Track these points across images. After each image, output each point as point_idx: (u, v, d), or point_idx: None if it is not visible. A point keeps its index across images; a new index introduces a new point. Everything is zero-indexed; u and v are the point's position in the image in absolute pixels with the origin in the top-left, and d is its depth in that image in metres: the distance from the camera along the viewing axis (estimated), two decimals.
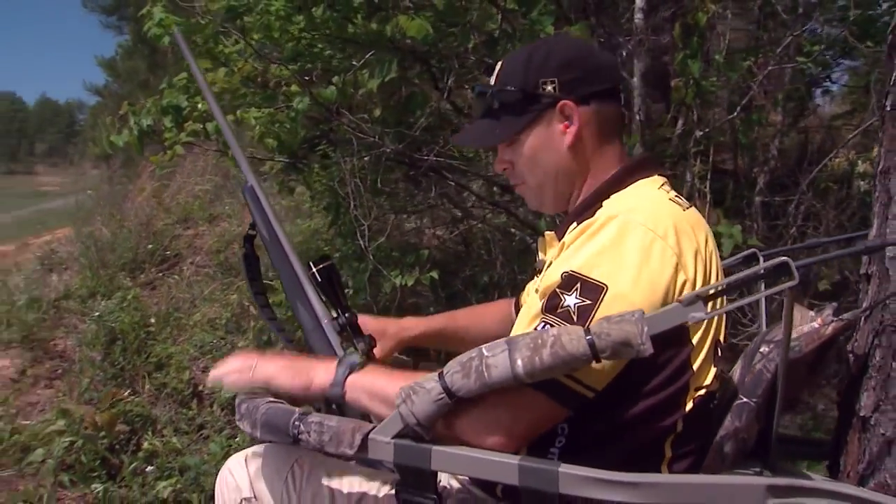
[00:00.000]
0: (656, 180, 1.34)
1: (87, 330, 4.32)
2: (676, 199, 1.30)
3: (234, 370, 1.38)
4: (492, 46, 3.42)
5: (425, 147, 3.48)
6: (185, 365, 4.09)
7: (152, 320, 4.41)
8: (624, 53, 3.89)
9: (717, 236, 3.35)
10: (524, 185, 1.43)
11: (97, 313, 4.37)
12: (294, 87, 3.39)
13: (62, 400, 3.57)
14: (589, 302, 1.12)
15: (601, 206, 1.27)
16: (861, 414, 1.22)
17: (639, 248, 1.15)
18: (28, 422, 3.50)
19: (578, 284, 1.14)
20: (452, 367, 1.12)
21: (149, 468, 3.17)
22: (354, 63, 3.63)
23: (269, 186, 7.30)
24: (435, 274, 3.57)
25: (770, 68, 4.12)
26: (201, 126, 3.21)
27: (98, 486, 2.99)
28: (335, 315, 1.53)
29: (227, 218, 6.68)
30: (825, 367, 1.26)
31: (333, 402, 1.34)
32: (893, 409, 1.16)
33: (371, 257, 3.42)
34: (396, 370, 1.30)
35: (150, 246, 5.71)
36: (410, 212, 4.49)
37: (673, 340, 1.17)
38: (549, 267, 1.29)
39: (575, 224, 1.28)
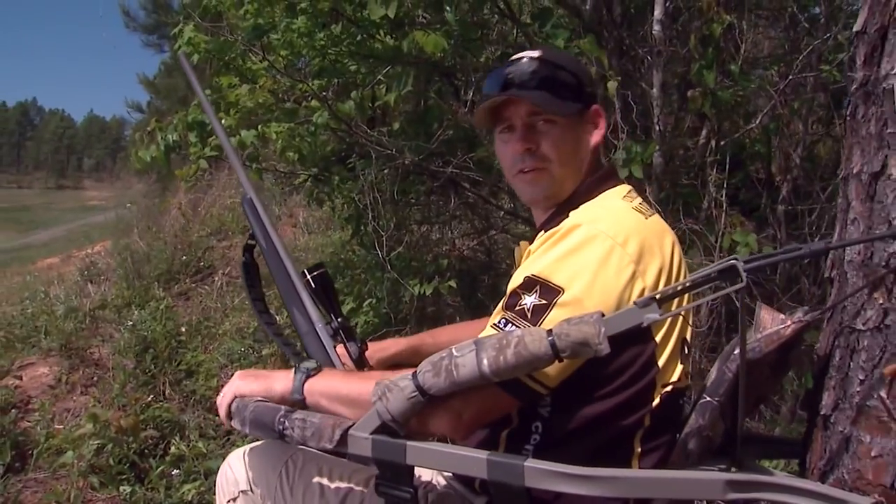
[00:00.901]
0: (622, 189, 1.40)
1: (120, 339, 4.47)
2: (640, 207, 1.36)
3: (220, 399, 1.46)
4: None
5: (440, 159, 3.56)
6: (213, 373, 4.21)
7: (183, 329, 4.54)
8: (646, 62, 3.93)
9: (733, 245, 3.37)
10: (544, 171, 1.40)
11: (131, 323, 4.51)
12: (314, 102, 3.50)
13: (96, 406, 3.70)
14: (544, 302, 1.19)
15: (568, 215, 1.33)
16: (822, 413, 1.26)
17: (597, 256, 1.21)
18: (61, 426, 3.63)
19: (538, 287, 1.21)
20: (425, 366, 1.19)
21: (175, 472, 3.27)
22: (381, 78, 3.74)
23: (301, 199, 7.48)
24: (453, 283, 3.64)
25: (791, 78, 4.12)
26: None
27: (126, 489, 3.10)
28: (328, 320, 1.60)
29: None
30: (788, 367, 1.31)
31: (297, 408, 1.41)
32: (851, 407, 1.20)
33: (389, 267, 3.51)
34: (352, 372, 1.38)
35: (184, 257, 5.87)
36: (434, 222, 4.57)
37: (636, 338, 1.23)
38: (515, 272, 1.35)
39: (543, 233, 1.34)
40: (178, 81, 11.43)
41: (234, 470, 1.55)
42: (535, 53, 1.42)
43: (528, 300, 1.21)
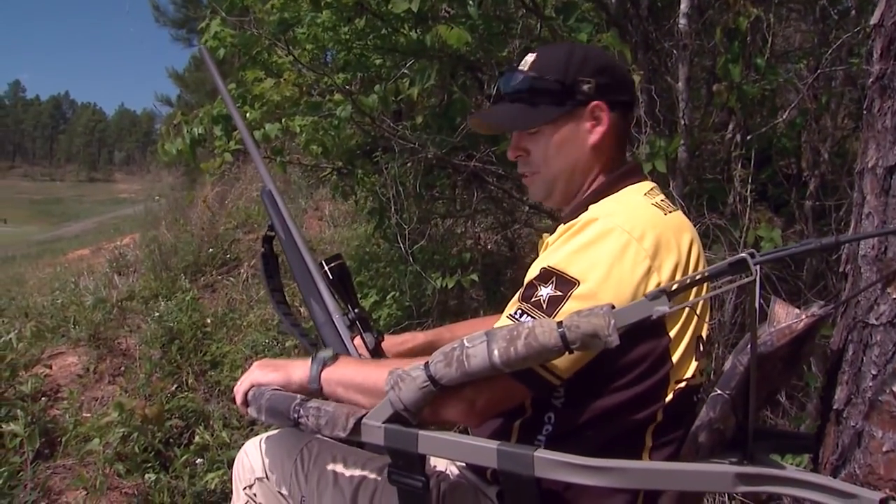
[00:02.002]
0: (643, 186, 1.40)
1: (147, 329, 4.53)
2: (660, 203, 1.35)
3: (238, 386, 1.50)
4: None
5: (463, 153, 3.57)
6: (238, 364, 4.26)
7: (209, 321, 4.59)
8: (674, 56, 3.91)
9: (758, 240, 3.35)
10: (536, 175, 1.46)
11: (157, 314, 4.58)
12: (338, 96, 3.52)
13: (122, 395, 3.76)
14: (560, 294, 1.20)
15: (587, 209, 1.34)
16: (835, 407, 1.26)
17: (613, 250, 1.22)
18: (89, 414, 3.70)
19: (554, 278, 1.22)
20: (437, 356, 1.21)
21: (199, 460, 3.32)
22: (405, 71, 3.75)
23: (327, 192, 7.53)
24: (475, 276, 3.65)
25: (819, 71, 4.07)
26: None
27: (151, 476, 3.15)
28: (346, 311, 1.62)
29: None
30: (801, 361, 1.30)
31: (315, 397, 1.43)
32: (863, 402, 1.19)
33: (412, 260, 3.52)
34: (367, 361, 1.39)
35: (210, 250, 5.94)
36: (458, 216, 4.59)
37: (650, 333, 1.23)
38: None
39: (562, 226, 1.34)
40: (206, 75, 11.53)
41: (251, 457, 1.58)
42: (530, 59, 1.44)
43: (545, 291, 1.22)
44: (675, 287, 1.14)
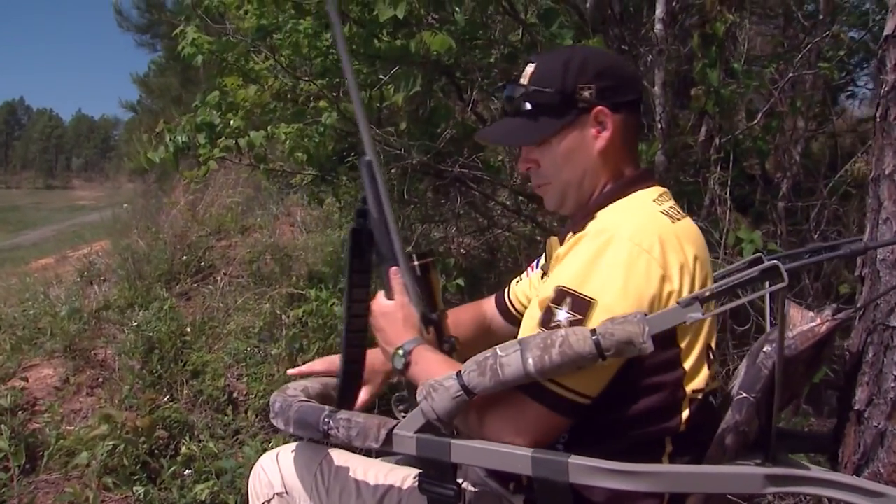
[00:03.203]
0: (652, 191, 1.42)
1: (125, 339, 4.47)
2: (668, 211, 1.37)
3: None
4: (513, 59, 3.52)
5: (450, 158, 3.58)
6: (220, 373, 4.21)
7: (188, 329, 4.54)
8: (648, 61, 3.96)
9: (738, 242, 3.41)
10: (548, 186, 1.47)
11: (135, 323, 4.51)
12: (322, 103, 3.52)
13: (104, 406, 3.71)
14: (579, 317, 1.21)
15: (594, 217, 1.35)
16: (856, 408, 1.29)
17: (625, 263, 1.23)
18: (72, 427, 3.64)
19: (569, 299, 1.23)
20: (469, 366, 1.22)
21: (187, 471, 3.29)
22: (381, 77, 3.75)
23: (298, 198, 7.49)
24: (461, 281, 3.66)
25: (791, 75, 4.16)
26: (234, 142, 3.34)
27: (139, 489, 3.12)
28: (425, 311, 1.53)
29: (258, 229, 6.85)
30: (821, 364, 1.34)
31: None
32: (885, 402, 1.23)
33: None
34: (446, 359, 1.38)
35: (184, 257, 5.87)
36: (437, 221, 4.59)
37: (660, 344, 1.25)
38: (546, 277, 1.37)
39: (571, 234, 1.36)
40: (171, 81, 11.43)
41: (268, 472, 1.57)
42: (530, 70, 1.45)
43: (562, 315, 1.23)
44: (706, 295, 1.16)
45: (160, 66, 12.38)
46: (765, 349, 1.36)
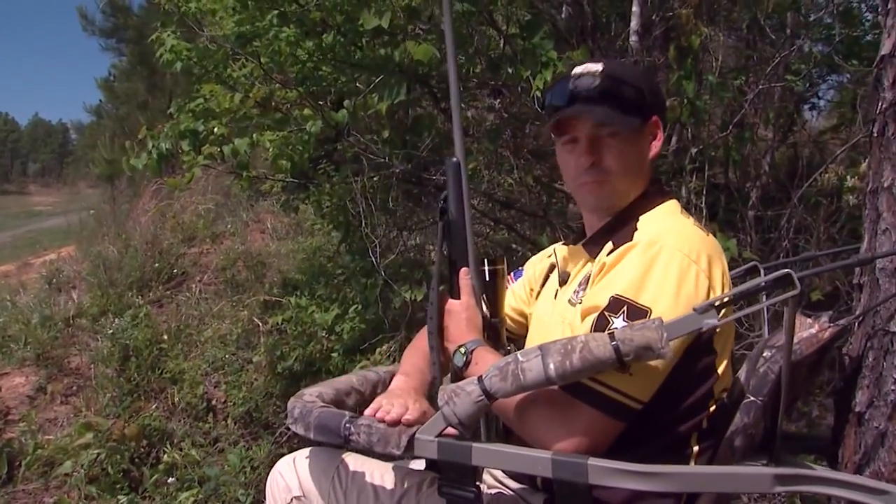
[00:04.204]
0: (675, 205, 1.47)
1: (101, 347, 4.43)
2: (696, 224, 1.42)
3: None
4: (494, 69, 3.57)
5: (432, 167, 3.61)
6: (198, 380, 4.20)
7: (165, 337, 4.51)
8: None
9: None
10: (606, 183, 1.45)
11: (110, 331, 4.47)
12: (307, 111, 3.53)
13: (85, 415, 3.67)
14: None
15: (637, 228, 1.39)
16: (857, 410, 1.35)
17: (677, 273, 1.28)
18: (50, 437, 3.60)
19: (625, 308, 1.27)
20: (491, 371, 1.25)
21: (170, 480, 3.27)
22: (360, 86, 3.77)
23: (269, 205, 7.46)
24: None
25: (760, 87, 4.27)
26: (218, 149, 3.33)
27: (123, 498, 3.10)
28: (486, 316, 1.56)
29: (230, 236, 6.82)
30: (823, 368, 1.39)
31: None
32: (886, 404, 1.29)
33: (382, 273, 3.55)
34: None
35: (156, 264, 5.83)
36: (413, 228, 4.61)
37: (703, 350, 1.30)
38: (587, 285, 1.41)
39: (612, 245, 1.39)
40: (137, 86, 11.29)
41: (286, 477, 1.58)
42: (598, 67, 1.46)
43: (619, 323, 1.26)
44: (721, 302, 1.21)
45: (125, 72, 12.23)
46: (765, 354, 1.42)
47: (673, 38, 4.20)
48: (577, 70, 1.47)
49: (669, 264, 1.28)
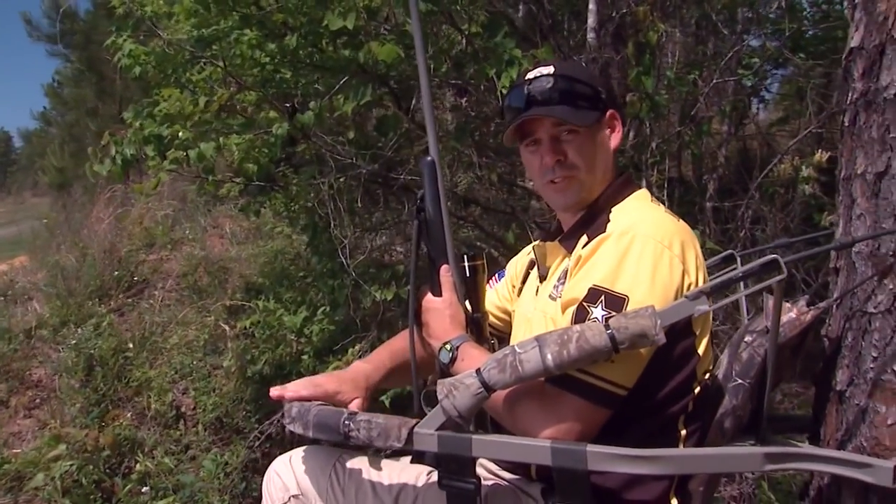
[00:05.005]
0: (646, 193, 1.53)
1: (64, 358, 4.35)
2: (667, 211, 1.47)
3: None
4: (459, 68, 3.60)
5: (398, 167, 3.63)
6: (165, 388, 4.16)
7: (130, 345, 4.45)
8: None
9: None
10: (572, 178, 1.50)
11: (74, 341, 4.40)
12: (272, 114, 3.51)
13: (51, 427, 3.61)
14: (614, 313, 1.28)
15: (609, 219, 1.43)
16: (837, 389, 1.41)
17: (651, 260, 1.32)
18: (16, 451, 3.54)
19: (603, 297, 1.31)
20: (489, 364, 1.27)
21: (144, 489, 3.24)
22: (319, 88, 3.76)
23: (227, 209, 7.39)
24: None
25: (715, 81, 4.36)
26: (184, 153, 3.30)
27: None
28: (468, 311, 1.57)
29: (189, 242, 6.74)
30: (805, 350, 1.45)
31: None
32: (865, 382, 1.34)
33: (353, 273, 3.55)
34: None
35: (116, 272, 5.74)
36: (378, 228, 4.62)
37: (682, 332, 1.34)
38: (566, 279, 1.44)
39: (586, 238, 1.43)
40: (86, 92, 11.07)
41: (282, 476, 1.59)
42: (549, 69, 1.50)
43: (598, 312, 1.30)
44: (712, 288, 1.25)
45: (73, 78, 11.99)
46: (746, 338, 1.47)
47: (631, 34, 4.28)
48: (531, 74, 1.52)
49: (643, 252, 1.33)
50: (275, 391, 1.52)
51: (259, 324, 4.29)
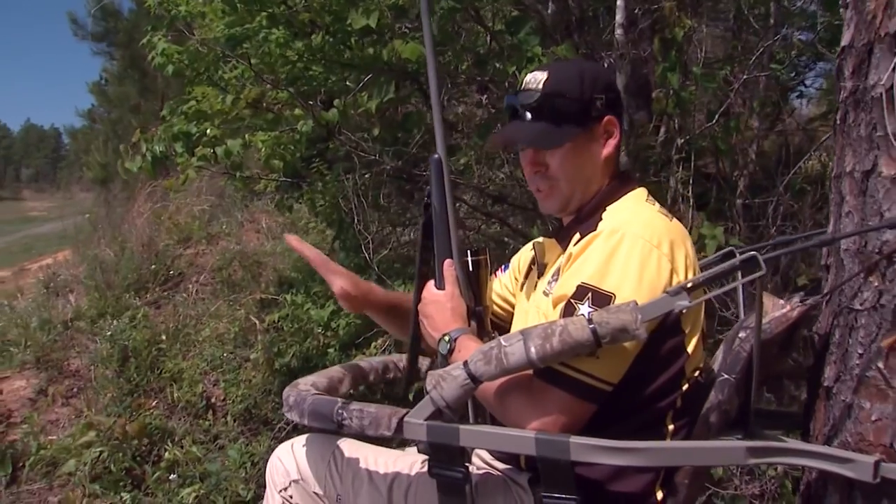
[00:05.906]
0: (642, 193, 1.54)
1: (100, 349, 4.48)
2: (662, 210, 1.49)
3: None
4: (481, 65, 3.63)
5: (423, 163, 3.67)
6: (196, 379, 4.26)
7: (163, 337, 4.57)
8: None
9: (701, 238, 3.55)
10: (554, 189, 1.54)
11: (109, 333, 4.53)
12: (298, 111, 3.58)
13: (86, 415, 3.73)
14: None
15: (601, 218, 1.46)
16: (825, 385, 1.42)
17: (639, 259, 1.34)
18: (52, 437, 3.66)
19: (590, 294, 1.34)
20: (476, 356, 1.31)
21: (172, 476, 3.33)
22: (349, 85, 3.83)
23: (264, 204, 7.50)
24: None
25: (745, 77, 4.33)
26: (211, 150, 3.39)
27: (126, 495, 3.16)
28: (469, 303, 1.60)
29: (225, 237, 6.87)
30: (793, 346, 1.46)
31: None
32: (851, 378, 1.35)
33: (376, 269, 3.61)
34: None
35: (153, 266, 5.88)
36: (406, 224, 4.68)
37: (670, 331, 1.36)
38: (559, 275, 1.47)
39: (578, 235, 1.46)
40: (129, 90, 11.32)
41: (284, 462, 1.65)
42: (542, 79, 1.51)
43: (584, 309, 1.33)
44: (691, 284, 1.28)
45: (117, 76, 12.26)
46: (740, 335, 1.48)
47: (658, 30, 4.27)
48: (525, 80, 1.55)
49: (631, 251, 1.35)
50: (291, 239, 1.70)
51: (287, 317, 4.37)
